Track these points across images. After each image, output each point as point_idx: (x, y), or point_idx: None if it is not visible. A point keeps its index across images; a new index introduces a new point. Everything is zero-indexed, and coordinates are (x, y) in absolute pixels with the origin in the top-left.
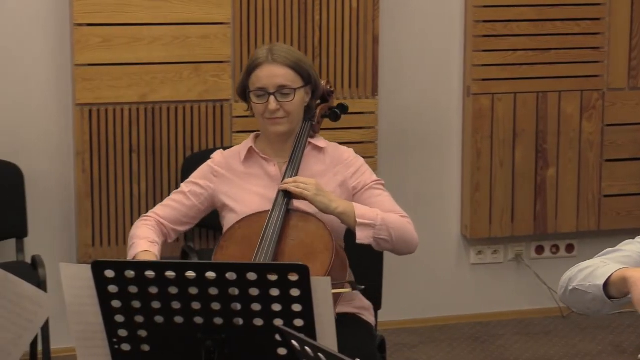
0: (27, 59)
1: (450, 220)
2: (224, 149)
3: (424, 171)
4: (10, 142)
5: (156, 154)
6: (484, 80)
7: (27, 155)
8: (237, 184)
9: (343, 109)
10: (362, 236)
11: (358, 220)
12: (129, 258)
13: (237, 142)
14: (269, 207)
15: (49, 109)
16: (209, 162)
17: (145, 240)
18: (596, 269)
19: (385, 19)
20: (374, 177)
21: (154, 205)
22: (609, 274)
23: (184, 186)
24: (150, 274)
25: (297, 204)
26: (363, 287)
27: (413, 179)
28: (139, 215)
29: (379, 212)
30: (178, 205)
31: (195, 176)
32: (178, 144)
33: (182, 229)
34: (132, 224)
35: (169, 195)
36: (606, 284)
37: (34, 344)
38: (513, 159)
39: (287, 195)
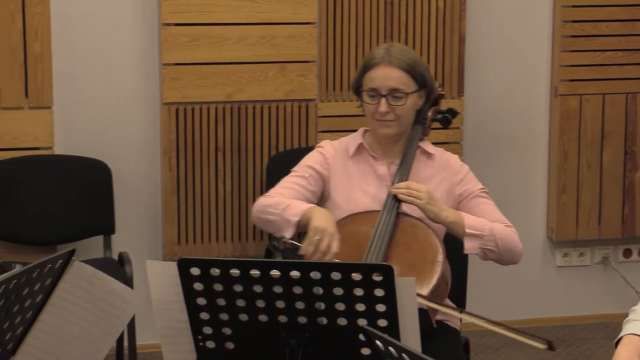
0: (116, 58)
1: (536, 222)
2: (309, 149)
3: (509, 172)
4: (100, 141)
5: (241, 153)
6: (571, 81)
7: (116, 154)
8: (345, 178)
9: (453, 114)
10: (470, 246)
11: (467, 230)
12: (290, 216)
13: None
14: (376, 206)
15: (137, 108)
16: (319, 150)
17: (300, 202)
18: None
19: (472, 19)
20: (480, 185)
21: (239, 204)
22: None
23: (300, 171)
24: (235, 272)
25: (404, 207)
26: (558, 349)
27: (498, 180)
28: (224, 213)
29: (487, 222)
30: (302, 188)
31: (309, 161)
32: (263, 143)
33: None
34: (217, 222)
35: (254, 194)
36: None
37: (120, 340)
38: (600, 161)
39: (398, 199)
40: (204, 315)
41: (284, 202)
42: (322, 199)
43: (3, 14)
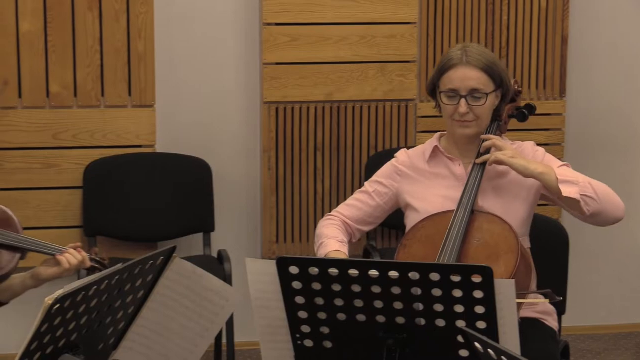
0: (217, 58)
1: (638, 225)
2: (408, 148)
3: (611, 175)
4: (201, 139)
5: (340, 153)
6: None
7: (216, 152)
8: (421, 183)
9: (531, 109)
10: (568, 191)
11: (560, 178)
12: (319, 255)
13: (421, 142)
14: (453, 207)
15: (237, 107)
16: (392, 161)
17: (334, 240)
18: None
19: (575, 19)
20: (560, 162)
21: (338, 203)
22: None
23: (368, 186)
24: (333, 271)
25: (480, 202)
26: (561, 298)
27: None
28: (323, 213)
29: (580, 174)
30: (363, 205)
31: (379, 175)
32: (362, 143)
33: (367, 228)
34: (315, 221)
35: (352, 193)
36: None
37: (218, 337)
38: None
39: (482, 171)
40: (303, 314)
41: (323, 237)
42: (403, 207)
43: (108, 14)
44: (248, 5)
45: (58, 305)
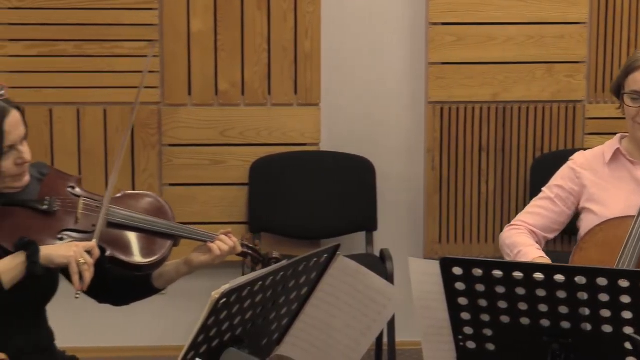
0: (383, 57)
1: None
2: (574, 150)
3: None
4: (365, 138)
5: (505, 154)
6: None
7: (380, 151)
8: (600, 186)
9: None
10: None
11: None
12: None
13: (588, 144)
14: (632, 212)
15: (402, 106)
16: (569, 163)
17: (533, 247)
18: None
19: None
20: None
21: (502, 205)
22: None
23: (547, 191)
24: (497, 273)
25: None
26: None
27: None
28: (487, 214)
29: None
30: (546, 212)
31: (557, 179)
32: (528, 144)
33: (552, 235)
34: (478, 222)
35: (517, 195)
36: None
37: (379, 336)
38: None
39: None
40: (465, 315)
41: (518, 245)
42: (579, 210)
43: (277, 13)
44: (414, 5)
45: (224, 300)
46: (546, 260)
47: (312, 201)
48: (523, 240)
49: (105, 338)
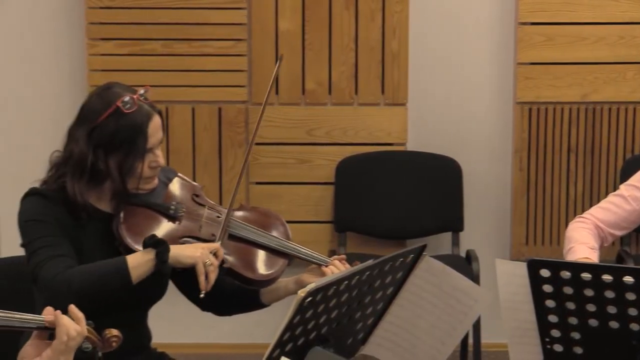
0: (471, 57)
1: None
2: None
3: None
4: (451, 138)
5: (594, 155)
6: None
7: (467, 152)
8: None
9: None
10: None
11: None
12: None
13: None
14: None
15: (489, 106)
16: None
17: (585, 246)
18: None
19: None
20: None
21: (590, 207)
22: None
23: (623, 189)
24: (586, 276)
25: None
26: None
27: None
28: (574, 216)
29: None
30: (618, 208)
31: (635, 179)
32: (618, 145)
33: (620, 233)
34: (566, 225)
35: (605, 197)
36: None
37: (464, 338)
38: None
39: None
40: (553, 318)
41: (573, 241)
42: None
43: (364, 13)
44: (504, 5)
45: (310, 298)
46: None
47: (398, 201)
48: (579, 236)
49: (192, 334)
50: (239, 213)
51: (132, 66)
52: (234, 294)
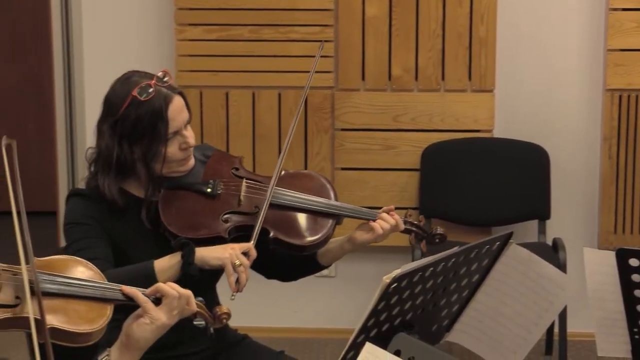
0: (560, 43)
1: None
2: None
3: None
4: (539, 126)
5: None
6: None
7: (555, 139)
8: None
9: None
10: None
11: None
12: None
13: None
14: None
15: (578, 93)
16: None
17: None
18: None
19: None
20: None
21: None
22: None
23: None
24: None
25: None
26: None
27: None
28: None
29: None
30: None
31: None
32: None
33: None
34: None
35: None
36: None
37: (550, 326)
38: None
39: None
40: None
41: None
42: None
43: None
44: None
45: (395, 284)
46: None
47: (484, 188)
48: None
49: (275, 318)
50: (282, 180)
51: (219, 51)
52: (291, 260)
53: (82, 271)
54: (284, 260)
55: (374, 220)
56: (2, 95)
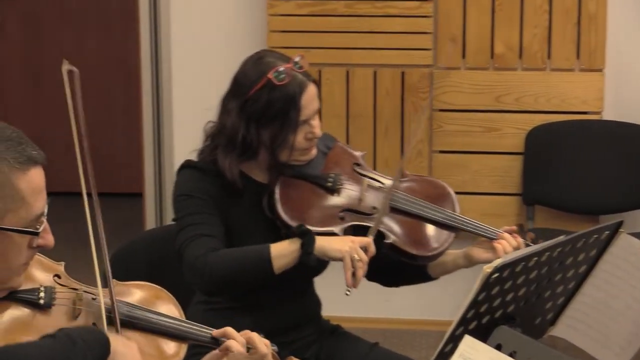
0: None
1: None
2: None
3: None
4: None
5: None
6: None
7: None
8: None
9: None
10: None
11: None
12: None
13: None
14: None
15: None
16: None
17: None
18: None
19: None
20: None
21: None
22: None
23: None
24: None
25: None
26: None
27: None
28: None
29: None
30: None
31: None
32: None
33: None
34: None
35: None
36: None
37: None
38: None
39: None
40: None
41: None
42: None
43: None
44: None
45: (497, 274)
46: None
47: (592, 174)
48: None
49: (369, 309)
50: (403, 184)
51: (312, 27)
52: (402, 266)
53: (169, 309)
54: (391, 265)
55: (496, 239)
56: (89, 75)
